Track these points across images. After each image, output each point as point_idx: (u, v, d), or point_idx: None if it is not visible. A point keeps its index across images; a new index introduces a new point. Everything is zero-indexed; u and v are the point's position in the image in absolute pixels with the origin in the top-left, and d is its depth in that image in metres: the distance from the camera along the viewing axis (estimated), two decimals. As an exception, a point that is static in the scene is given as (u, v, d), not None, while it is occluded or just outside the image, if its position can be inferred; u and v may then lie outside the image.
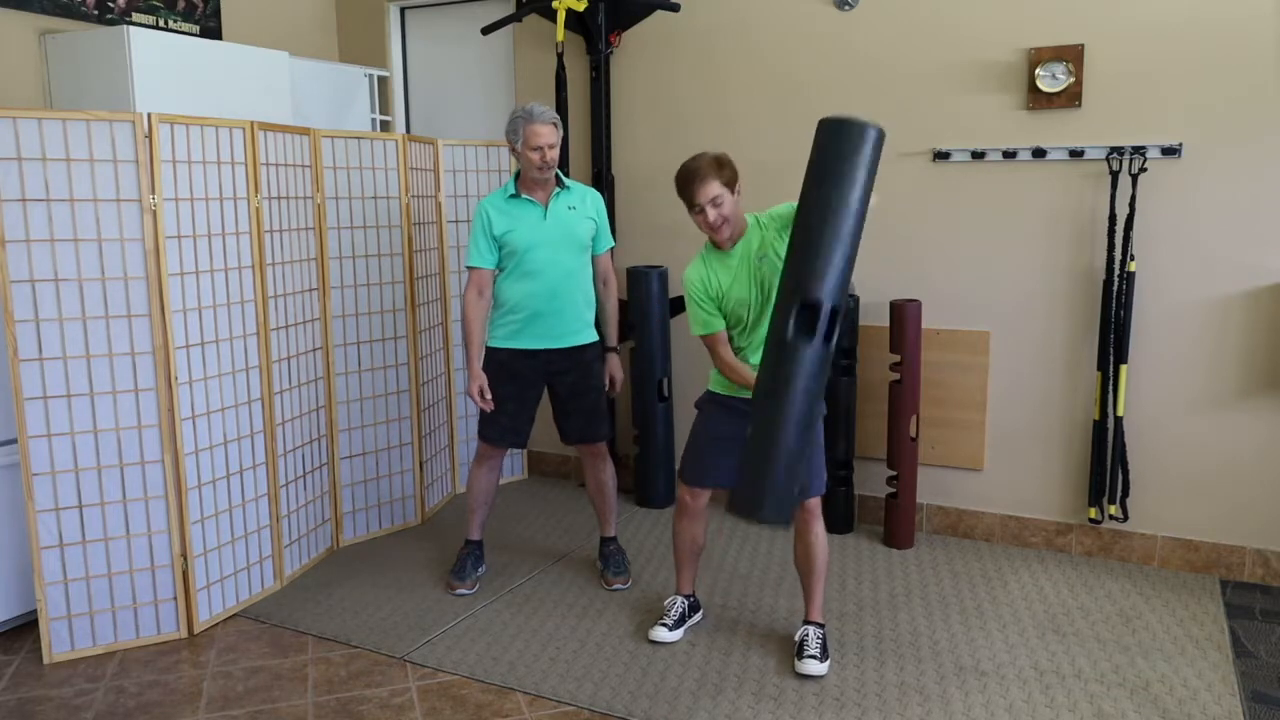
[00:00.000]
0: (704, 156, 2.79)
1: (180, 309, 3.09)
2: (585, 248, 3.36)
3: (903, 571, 3.62)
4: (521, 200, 3.28)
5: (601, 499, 3.55)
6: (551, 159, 3.21)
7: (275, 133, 3.45)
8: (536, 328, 3.30)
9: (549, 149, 3.19)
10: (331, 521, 3.87)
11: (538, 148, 3.18)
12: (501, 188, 3.35)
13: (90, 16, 3.88)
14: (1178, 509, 3.57)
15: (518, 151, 3.23)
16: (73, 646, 3.04)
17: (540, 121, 3.17)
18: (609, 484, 3.54)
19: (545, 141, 3.18)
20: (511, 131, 3.22)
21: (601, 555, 3.59)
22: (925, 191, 3.82)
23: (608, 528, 3.59)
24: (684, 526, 3.08)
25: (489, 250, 3.28)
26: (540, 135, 3.17)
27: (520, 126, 3.19)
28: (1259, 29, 3.26)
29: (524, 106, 3.23)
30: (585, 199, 3.37)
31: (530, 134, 3.17)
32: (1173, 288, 3.49)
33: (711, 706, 2.70)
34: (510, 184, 3.32)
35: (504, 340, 3.34)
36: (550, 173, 3.24)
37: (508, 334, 3.33)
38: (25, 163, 2.82)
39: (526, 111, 3.19)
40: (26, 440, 2.89)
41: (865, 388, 3.98)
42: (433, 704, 2.75)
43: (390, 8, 4.93)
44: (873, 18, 3.83)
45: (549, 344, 3.32)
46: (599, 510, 3.59)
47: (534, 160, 3.19)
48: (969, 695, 2.74)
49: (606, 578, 3.50)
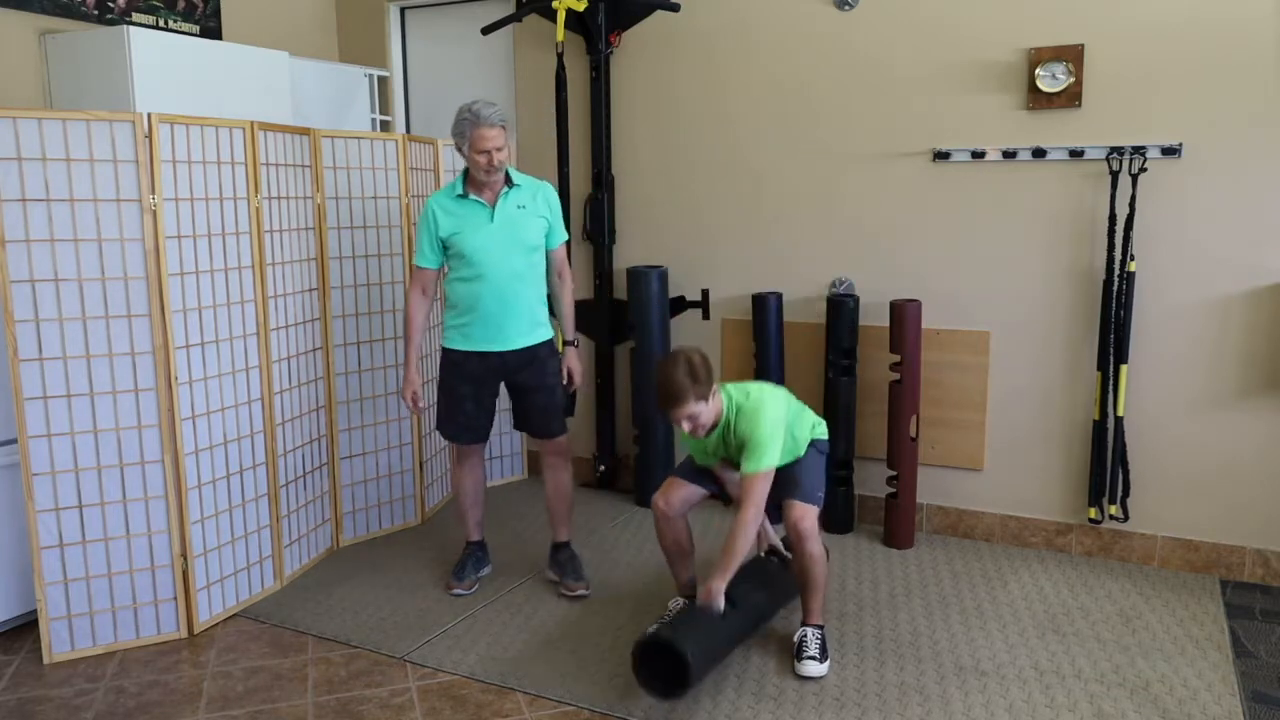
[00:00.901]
0: (679, 374, 2.73)
1: (180, 309, 3.09)
2: (535, 248, 3.26)
3: (903, 571, 3.62)
4: (469, 201, 3.19)
5: (561, 502, 3.47)
6: (499, 162, 3.12)
7: (275, 133, 3.45)
8: (487, 329, 3.23)
9: (496, 152, 3.10)
10: (331, 521, 3.87)
11: (485, 151, 3.08)
12: (449, 184, 3.26)
13: (90, 16, 3.88)
14: (1178, 509, 3.57)
15: (464, 154, 3.15)
16: (73, 646, 3.04)
17: (488, 125, 3.06)
18: (568, 486, 3.47)
19: (493, 145, 3.08)
20: (458, 133, 3.12)
21: (556, 562, 3.50)
22: (925, 191, 3.82)
23: (563, 532, 3.51)
24: (663, 529, 3.07)
25: (433, 251, 3.23)
26: (488, 139, 3.07)
27: (467, 129, 3.09)
28: (1259, 29, 3.26)
29: (471, 107, 3.10)
30: (536, 195, 3.27)
31: (477, 138, 3.07)
32: (1173, 288, 3.49)
33: (711, 706, 2.70)
34: (458, 182, 3.23)
35: (457, 342, 3.29)
36: (498, 175, 3.16)
37: (460, 336, 3.28)
38: (25, 163, 2.82)
39: (474, 114, 3.08)
40: (26, 440, 2.90)
41: (865, 388, 3.98)
42: (433, 704, 2.75)
43: (390, 8, 4.93)
44: (873, 18, 3.83)
45: (501, 346, 3.25)
46: (556, 514, 3.50)
47: (481, 164, 3.11)
48: (969, 695, 2.74)
49: (567, 584, 3.42)
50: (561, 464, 3.45)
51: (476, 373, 3.29)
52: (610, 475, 4.56)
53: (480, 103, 3.12)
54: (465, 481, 3.47)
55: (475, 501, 3.50)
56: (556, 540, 3.53)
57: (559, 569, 3.49)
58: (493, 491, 4.48)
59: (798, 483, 2.92)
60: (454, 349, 3.30)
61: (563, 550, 3.51)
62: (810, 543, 2.88)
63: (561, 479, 3.46)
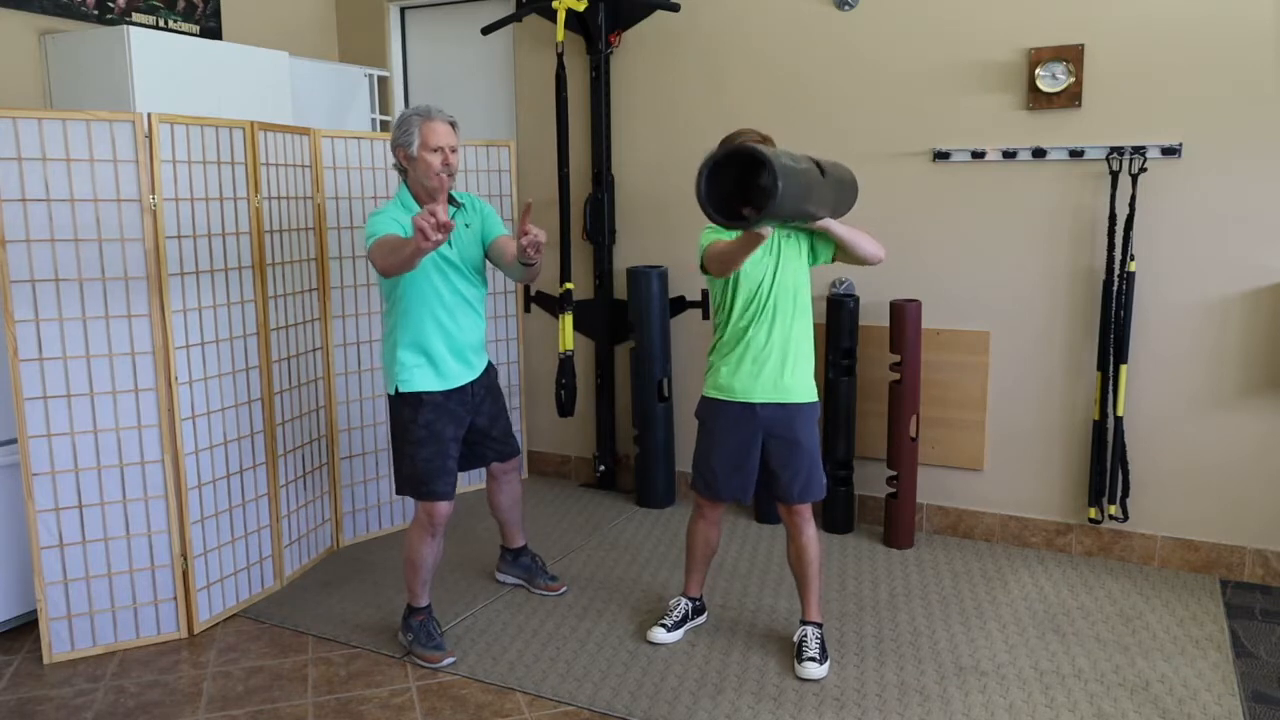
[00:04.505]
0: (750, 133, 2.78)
1: (180, 309, 3.09)
2: (482, 271, 3.01)
3: (903, 571, 3.62)
4: None
5: (515, 511, 3.41)
6: (454, 163, 2.82)
7: (275, 133, 3.45)
8: (454, 362, 2.94)
9: (450, 151, 2.80)
10: (331, 521, 3.87)
11: (438, 149, 2.78)
12: (391, 204, 2.86)
13: (90, 16, 3.88)
14: (1178, 509, 3.57)
15: (412, 158, 2.80)
16: (73, 646, 3.04)
17: (439, 119, 2.79)
18: (520, 495, 3.42)
19: (447, 142, 2.79)
20: (404, 133, 2.79)
21: (525, 567, 3.48)
22: (925, 191, 3.82)
23: (520, 537, 3.49)
24: (699, 529, 3.07)
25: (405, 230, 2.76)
26: (440, 134, 2.78)
27: (416, 125, 2.78)
28: (1258, 29, 3.26)
29: (414, 107, 2.85)
30: (474, 209, 2.99)
31: (429, 132, 2.77)
32: (1173, 288, 3.49)
33: (711, 706, 2.70)
34: (408, 199, 2.86)
35: (430, 382, 2.90)
36: (451, 181, 2.84)
37: (427, 375, 2.90)
38: (25, 163, 2.82)
39: (423, 110, 2.81)
40: (26, 440, 2.90)
41: (865, 388, 3.98)
42: (433, 704, 2.75)
43: (390, 8, 4.93)
44: (873, 18, 3.83)
45: (469, 376, 2.99)
46: (512, 523, 3.43)
47: (434, 164, 2.77)
48: (969, 695, 2.74)
49: (548, 585, 3.43)
50: (516, 475, 3.36)
51: (458, 412, 2.96)
52: (610, 475, 4.56)
53: (426, 103, 2.90)
54: (433, 550, 3.01)
55: (436, 566, 3.08)
56: (517, 545, 3.50)
57: (526, 572, 3.48)
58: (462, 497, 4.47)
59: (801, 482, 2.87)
60: (429, 390, 2.90)
61: (525, 553, 3.50)
62: (809, 524, 2.90)
63: (518, 489, 3.40)
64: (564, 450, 4.74)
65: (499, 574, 3.54)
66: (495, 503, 3.38)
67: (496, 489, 3.34)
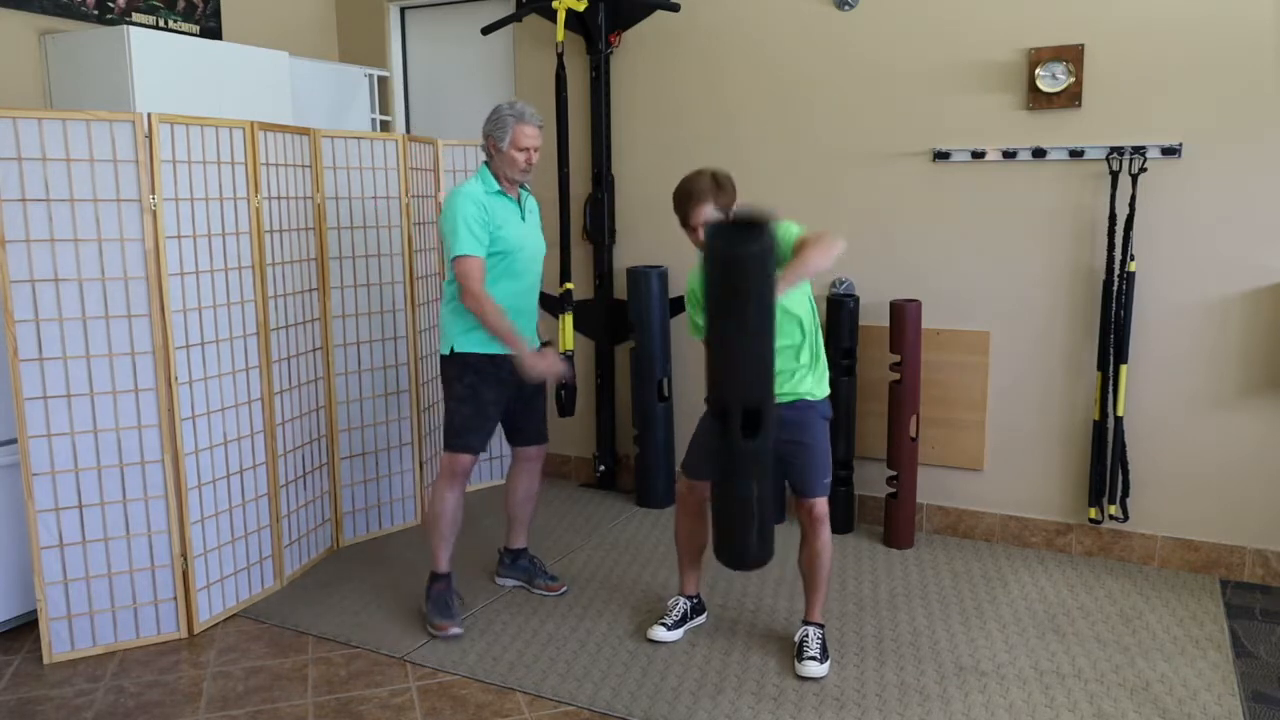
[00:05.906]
0: (704, 177, 2.73)
1: (180, 309, 3.09)
2: (538, 258, 3.29)
3: (903, 571, 3.62)
4: (506, 198, 3.14)
5: (528, 507, 3.45)
6: (535, 161, 3.14)
7: (275, 133, 3.45)
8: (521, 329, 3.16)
9: (534, 151, 3.12)
10: (331, 521, 3.87)
11: (525, 149, 3.09)
12: (475, 180, 3.14)
13: (90, 16, 3.88)
14: (1178, 509, 3.57)
15: (501, 150, 3.10)
16: (73, 646, 3.04)
17: (531, 123, 3.10)
18: (537, 491, 3.46)
19: (533, 144, 3.10)
20: (499, 128, 3.10)
21: (524, 569, 3.49)
22: (925, 191, 3.82)
23: (524, 538, 3.50)
24: (682, 522, 3.09)
25: (485, 237, 3.07)
26: (530, 136, 3.09)
27: (510, 125, 3.08)
28: (1258, 29, 3.26)
29: (512, 104, 3.12)
30: (532, 203, 3.32)
31: (521, 134, 3.08)
32: (1173, 288, 3.49)
33: (711, 706, 2.70)
34: (488, 179, 3.14)
35: (482, 345, 3.13)
36: (529, 176, 3.17)
37: (478, 339, 3.13)
38: (25, 163, 2.82)
39: (518, 111, 3.09)
40: (26, 440, 2.89)
41: (865, 388, 3.98)
42: (433, 704, 2.75)
43: (390, 8, 4.93)
44: (873, 18, 3.83)
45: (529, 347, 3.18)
46: (521, 520, 3.46)
47: (519, 162, 3.10)
48: (969, 695, 2.74)
49: (548, 585, 3.43)
50: (539, 468, 3.42)
51: (507, 378, 3.15)
52: (610, 475, 4.56)
53: (521, 103, 3.15)
54: (452, 504, 3.20)
55: (455, 530, 3.23)
56: (519, 546, 3.50)
57: (526, 574, 3.49)
58: (488, 494, 4.48)
59: (812, 479, 2.88)
60: (483, 353, 3.14)
61: (524, 556, 3.51)
62: (825, 527, 2.89)
63: (536, 483, 3.44)
64: (564, 450, 4.73)
65: (498, 578, 3.54)
66: (512, 488, 3.45)
67: (517, 474, 3.43)
